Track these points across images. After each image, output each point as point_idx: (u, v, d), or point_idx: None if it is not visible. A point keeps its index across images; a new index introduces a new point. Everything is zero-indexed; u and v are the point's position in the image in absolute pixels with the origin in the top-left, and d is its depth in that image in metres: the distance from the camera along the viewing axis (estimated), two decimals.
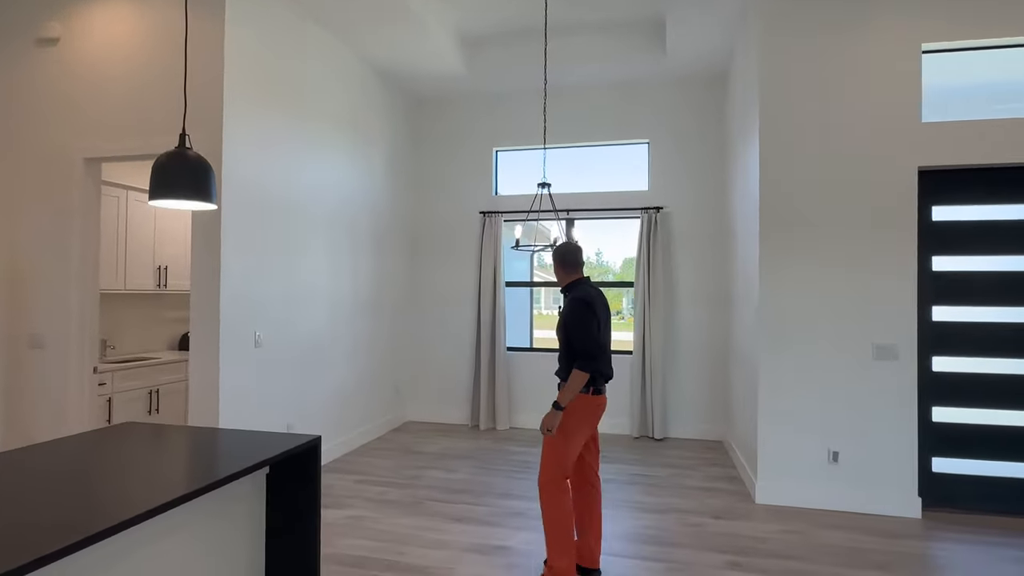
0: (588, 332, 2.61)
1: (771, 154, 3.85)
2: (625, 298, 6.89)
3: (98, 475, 1.75)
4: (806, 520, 3.54)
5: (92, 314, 3.80)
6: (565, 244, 2.88)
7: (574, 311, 2.66)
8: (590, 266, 6.49)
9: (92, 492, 1.61)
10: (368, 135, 5.31)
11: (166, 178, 1.88)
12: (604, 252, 6.39)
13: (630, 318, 6.58)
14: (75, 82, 3.80)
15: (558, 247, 2.88)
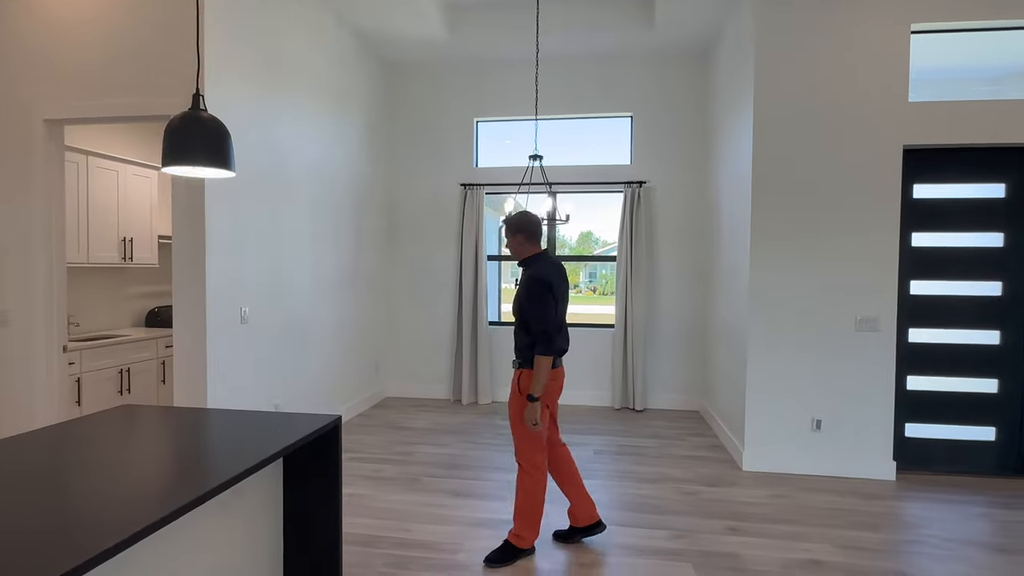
0: (546, 314, 2.56)
1: (764, 129, 3.89)
2: (590, 271, 6.95)
3: (121, 465, 1.64)
4: (791, 485, 3.71)
5: (60, 289, 3.54)
6: (522, 213, 2.74)
7: (532, 291, 2.58)
8: (565, 242, 6.49)
9: (125, 485, 1.50)
10: (346, 102, 5.08)
11: (181, 143, 1.73)
12: (588, 226, 6.39)
13: (609, 293, 6.66)
14: (35, 36, 3.46)
15: (515, 216, 2.72)
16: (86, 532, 1.21)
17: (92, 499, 1.38)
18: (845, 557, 2.79)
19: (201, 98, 1.80)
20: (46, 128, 3.45)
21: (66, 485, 1.47)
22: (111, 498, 1.39)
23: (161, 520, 1.28)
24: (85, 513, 1.30)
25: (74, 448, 1.76)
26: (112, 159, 4.52)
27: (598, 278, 7.54)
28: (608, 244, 6.37)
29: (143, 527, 1.23)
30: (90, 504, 1.35)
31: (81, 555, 1.11)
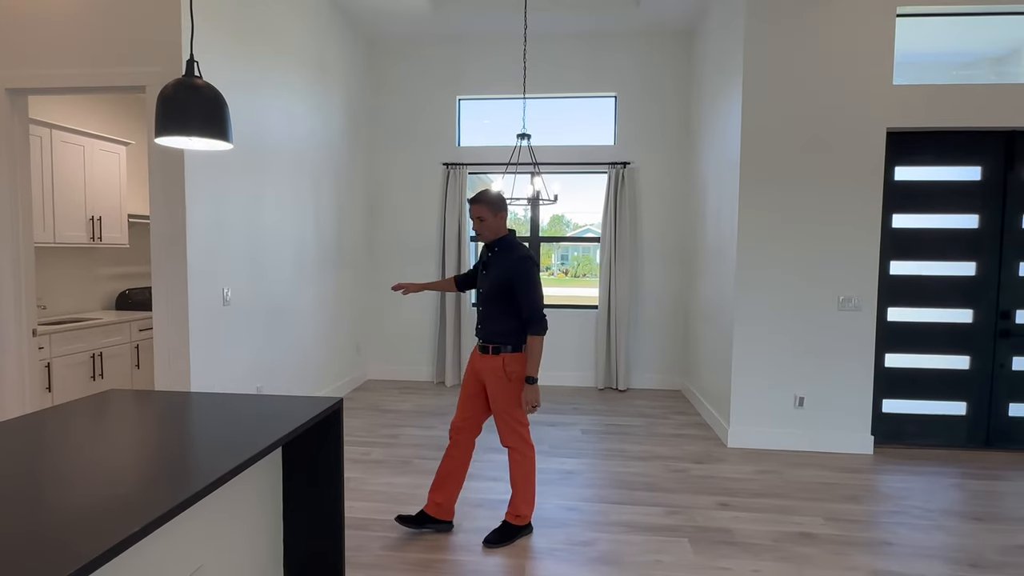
0: (540, 293, 2.57)
1: (752, 110, 3.91)
2: (562, 253, 6.96)
3: (123, 454, 1.56)
4: (776, 461, 3.80)
5: (28, 270, 3.36)
6: (491, 191, 2.64)
7: (528, 272, 2.53)
8: (561, 223, 6.46)
9: (130, 476, 1.42)
10: (327, 78, 4.91)
11: (175, 111, 1.62)
12: (566, 208, 6.36)
13: (582, 275, 6.68)
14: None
15: (491, 194, 2.59)
16: (84, 531, 1.14)
17: (90, 494, 1.31)
18: (834, 529, 2.87)
19: (196, 64, 1.69)
20: (8, 98, 3.23)
21: (61, 478, 1.39)
22: (110, 496, 1.31)
23: (168, 512, 1.22)
24: (83, 510, 1.23)
25: (64, 437, 1.67)
26: (78, 133, 4.28)
27: (570, 260, 7.55)
28: (579, 227, 6.36)
29: (152, 520, 1.17)
30: (89, 500, 1.28)
31: (80, 558, 1.04)
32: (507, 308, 2.59)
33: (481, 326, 2.68)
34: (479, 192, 2.61)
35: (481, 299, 2.69)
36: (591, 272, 6.94)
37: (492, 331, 2.63)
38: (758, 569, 2.50)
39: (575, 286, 6.51)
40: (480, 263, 2.77)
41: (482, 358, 2.67)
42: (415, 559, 2.54)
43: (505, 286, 2.56)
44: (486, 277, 2.66)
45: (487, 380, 2.65)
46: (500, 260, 2.62)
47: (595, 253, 7.24)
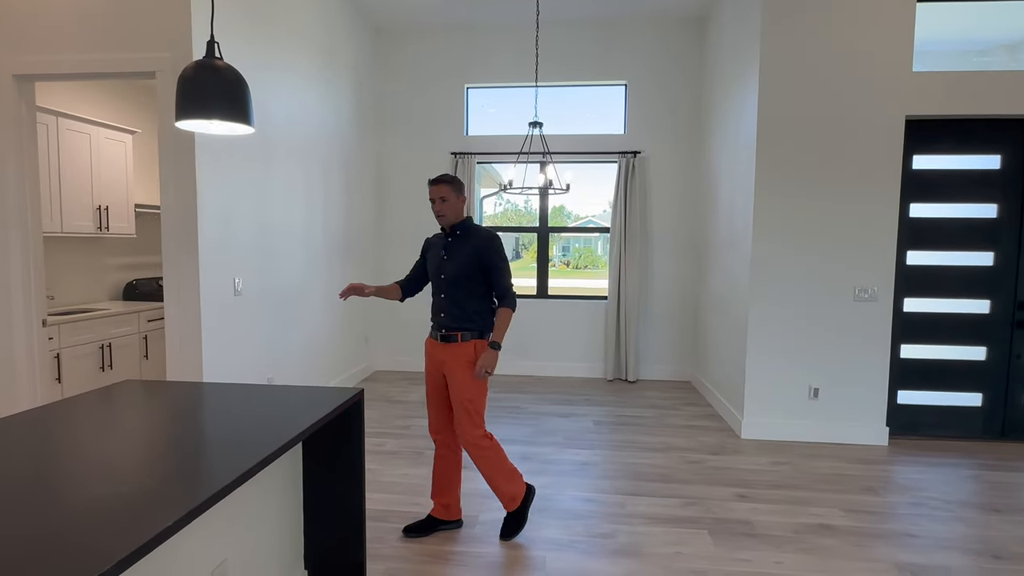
0: (510, 270, 2.57)
1: (769, 99, 3.85)
2: (563, 245, 6.90)
3: (152, 444, 1.53)
4: (791, 452, 3.77)
5: (37, 259, 3.32)
6: (450, 174, 2.58)
7: (499, 249, 2.53)
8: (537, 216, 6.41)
9: (160, 467, 1.39)
10: (335, 65, 4.85)
11: (196, 94, 1.58)
12: (573, 198, 6.30)
13: (583, 267, 6.63)
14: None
15: (448, 174, 2.56)
16: (114, 527, 1.11)
17: (116, 488, 1.27)
18: (853, 521, 2.85)
19: (216, 45, 1.64)
20: (15, 84, 3.18)
21: (86, 472, 1.35)
22: (138, 490, 1.28)
23: (201, 506, 1.18)
24: (112, 505, 1.20)
25: (84, 429, 1.63)
26: (84, 121, 4.23)
27: (571, 252, 7.49)
28: (581, 218, 6.29)
29: (185, 513, 1.14)
30: (116, 494, 1.24)
31: (111, 556, 1.01)
32: (474, 290, 2.53)
33: (443, 314, 2.55)
34: (440, 175, 2.54)
35: (442, 286, 2.56)
36: (592, 263, 6.89)
37: (458, 317, 2.52)
38: (780, 561, 2.48)
39: (576, 277, 6.44)
40: (439, 250, 2.60)
41: (445, 348, 2.54)
42: (435, 551, 2.52)
43: (475, 267, 2.51)
44: (448, 262, 2.54)
45: (451, 370, 2.51)
46: (464, 242, 2.55)
47: (597, 244, 7.20)
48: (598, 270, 6.96)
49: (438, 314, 2.59)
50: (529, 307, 5.86)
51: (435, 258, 2.62)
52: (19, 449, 1.44)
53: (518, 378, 5.73)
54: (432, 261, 2.64)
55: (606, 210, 6.29)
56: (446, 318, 2.55)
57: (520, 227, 6.30)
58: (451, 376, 2.53)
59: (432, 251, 2.66)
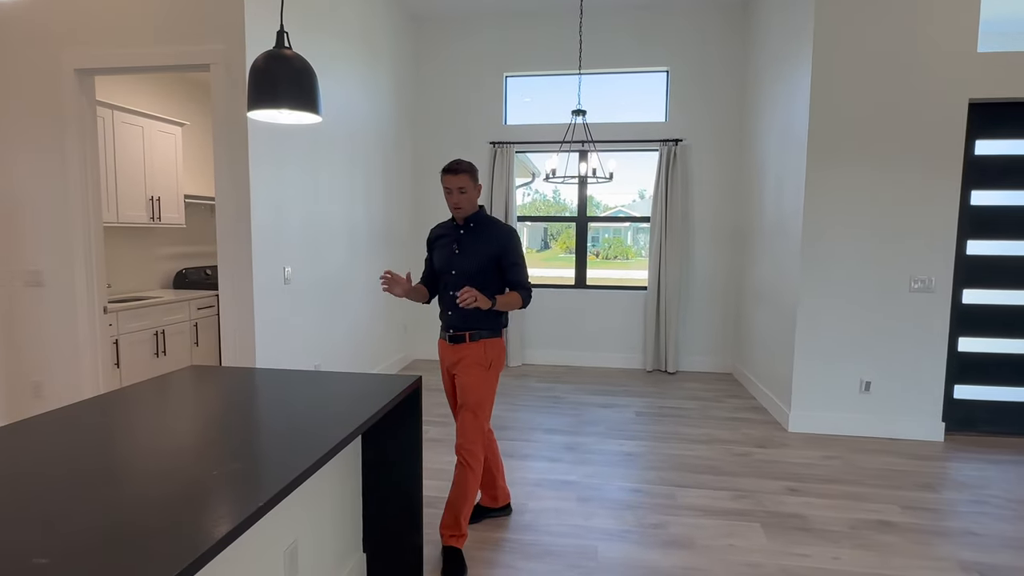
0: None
1: (822, 82, 3.73)
2: (639, 234, 6.83)
3: (237, 428, 1.57)
4: (842, 446, 3.69)
5: (98, 249, 3.44)
6: (464, 159, 2.33)
7: (519, 243, 2.38)
8: (565, 205, 6.35)
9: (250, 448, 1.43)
10: (376, 56, 4.87)
11: (268, 85, 1.60)
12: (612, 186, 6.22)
13: (612, 257, 6.56)
14: None
15: (464, 161, 2.31)
16: (209, 506, 1.14)
17: (205, 470, 1.31)
18: (912, 517, 2.77)
19: (286, 35, 1.65)
20: (77, 79, 3.28)
21: (174, 453, 1.39)
22: (227, 472, 1.31)
23: (290, 484, 1.21)
24: (206, 485, 1.23)
25: (163, 412, 1.68)
26: (137, 114, 4.35)
27: (601, 242, 7.42)
28: (610, 208, 6.20)
29: (276, 492, 1.17)
30: (207, 475, 1.28)
31: (210, 538, 1.04)
32: (488, 288, 2.34)
33: (451, 313, 2.38)
34: (455, 162, 2.29)
35: (452, 282, 2.38)
36: (623, 254, 6.82)
37: (467, 317, 2.34)
38: (838, 556, 2.43)
39: (607, 268, 6.35)
40: (450, 243, 2.40)
41: (456, 349, 2.37)
42: (485, 537, 2.55)
43: (491, 263, 2.33)
44: (461, 256, 2.35)
45: (461, 372, 2.35)
46: (480, 235, 2.36)
47: (627, 235, 7.11)
48: (628, 260, 6.89)
49: (446, 312, 2.41)
50: (566, 297, 5.84)
51: (445, 252, 2.41)
52: (107, 431, 1.50)
53: (556, 368, 5.72)
54: (441, 255, 2.42)
55: (636, 200, 6.22)
56: (454, 317, 2.37)
57: (557, 217, 6.26)
58: (460, 379, 2.36)
59: (441, 243, 2.44)
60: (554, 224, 6.63)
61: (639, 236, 7.20)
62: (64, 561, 0.91)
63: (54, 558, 0.92)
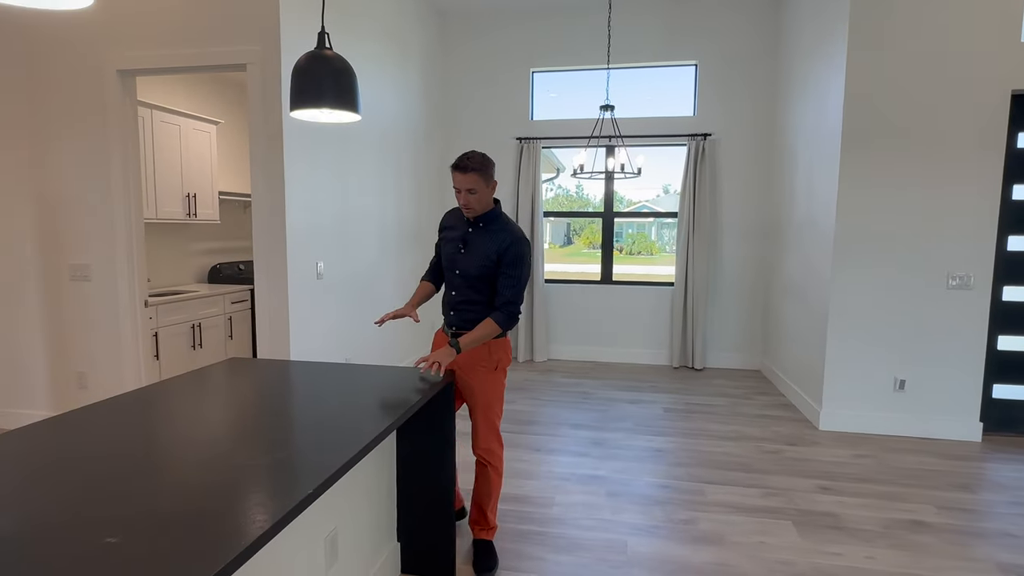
0: (525, 284, 2.20)
1: (858, 74, 3.66)
2: (663, 229, 6.79)
3: (283, 417, 1.62)
4: (874, 445, 3.63)
5: (139, 244, 3.55)
6: (478, 153, 2.11)
7: (525, 256, 2.16)
8: (589, 200, 6.32)
9: (298, 438, 1.48)
10: (405, 53, 4.92)
11: (311, 85, 1.64)
12: (635, 181, 6.19)
13: (636, 253, 6.52)
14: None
15: (476, 156, 2.08)
16: (261, 491, 1.19)
17: (252, 458, 1.36)
18: (948, 518, 2.73)
19: (327, 36, 1.70)
20: (120, 79, 3.38)
21: (222, 441, 1.45)
22: (272, 462, 1.36)
23: (338, 471, 1.25)
24: (257, 471, 1.28)
25: (210, 403, 1.75)
26: (174, 113, 4.46)
27: (624, 238, 7.38)
28: (634, 203, 6.15)
29: (325, 479, 1.21)
30: (256, 462, 1.33)
31: (266, 521, 1.08)
32: (488, 291, 2.23)
33: (453, 312, 2.27)
34: (465, 157, 2.06)
35: (455, 281, 2.26)
36: (646, 249, 6.77)
37: (471, 319, 2.24)
38: (872, 556, 2.40)
39: (630, 263, 6.29)
40: (457, 240, 2.26)
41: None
42: (516, 530, 2.58)
43: (494, 264, 2.17)
44: (465, 257, 2.21)
45: (468, 374, 2.26)
46: (487, 236, 2.20)
47: (651, 230, 7.05)
48: (652, 256, 6.84)
49: (448, 311, 2.30)
50: (593, 293, 5.83)
51: (451, 248, 2.28)
52: (161, 420, 1.56)
53: (583, 363, 5.73)
54: (447, 250, 2.29)
55: (659, 195, 6.17)
56: (456, 317, 2.27)
57: (584, 212, 6.25)
58: (466, 379, 2.26)
59: (449, 236, 2.31)
60: (576, 220, 6.61)
61: (663, 231, 7.15)
62: (132, 540, 0.96)
63: (123, 538, 0.97)
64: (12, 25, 3.48)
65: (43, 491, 1.14)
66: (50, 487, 1.15)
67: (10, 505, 1.08)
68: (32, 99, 3.50)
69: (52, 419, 1.55)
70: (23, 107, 3.51)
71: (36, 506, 1.08)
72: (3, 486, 1.15)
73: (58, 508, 1.07)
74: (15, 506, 1.07)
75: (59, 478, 1.19)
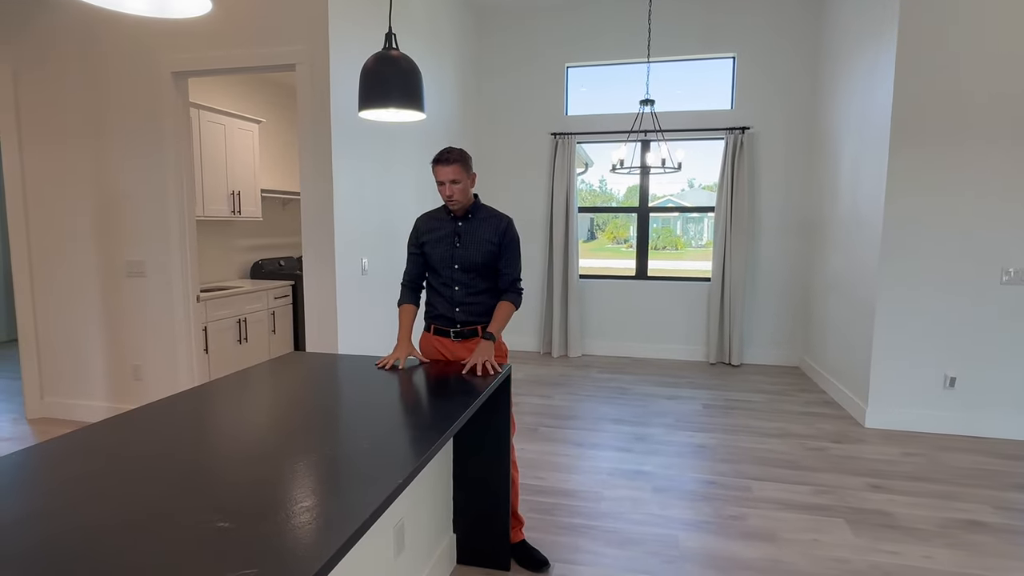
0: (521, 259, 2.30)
1: (908, 63, 3.58)
2: (688, 223, 6.74)
3: (364, 408, 1.67)
4: (924, 443, 3.57)
5: (191, 241, 3.65)
6: (455, 147, 2.21)
7: (517, 237, 2.30)
8: (612, 195, 6.28)
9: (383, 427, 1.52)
10: (441, 48, 4.95)
11: (379, 85, 1.68)
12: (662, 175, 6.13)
13: (661, 248, 6.48)
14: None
15: (455, 149, 2.13)
16: (357, 480, 1.23)
17: (338, 448, 1.41)
18: (1007, 518, 2.67)
19: (393, 37, 1.73)
20: (173, 81, 3.48)
21: (306, 431, 1.50)
22: (359, 449, 1.41)
23: (424, 459, 1.29)
24: (348, 459, 1.33)
25: (283, 395, 1.80)
26: (219, 112, 4.57)
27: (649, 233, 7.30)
28: (659, 198, 6.08)
29: (414, 467, 1.25)
30: (343, 452, 1.38)
31: (367, 506, 1.12)
32: (490, 277, 2.30)
33: (459, 308, 2.27)
34: (445, 151, 2.11)
35: (456, 277, 2.26)
36: (672, 244, 6.71)
37: (482, 309, 2.28)
38: (929, 555, 2.37)
39: (655, 258, 6.21)
40: (449, 237, 2.27)
41: (464, 345, 2.29)
42: (565, 523, 2.60)
43: (495, 250, 2.25)
44: (464, 249, 2.24)
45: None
46: (480, 224, 2.26)
47: (676, 224, 6.98)
48: (678, 251, 6.78)
49: (451, 309, 2.28)
50: (628, 289, 5.82)
51: (443, 245, 2.28)
52: (247, 411, 1.62)
53: (618, 359, 5.73)
54: (438, 249, 2.28)
55: (685, 189, 6.12)
56: (463, 312, 2.27)
57: (619, 207, 6.23)
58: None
59: (436, 237, 2.30)
60: (599, 215, 6.57)
61: (688, 226, 7.07)
62: (242, 525, 1.01)
63: (233, 523, 1.02)
64: (75, 31, 3.60)
65: (146, 481, 1.19)
66: (151, 477, 1.21)
67: (121, 495, 1.13)
68: (92, 101, 3.62)
69: (137, 410, 1.62)
70: (84, 109, 3.64)
71: (145, 494, 1.13)
72: (109, 476, 1.21)
73: (164, 497, 1.12)
74: (126, 495, 1.13)
75: (157, 468, 1.25)
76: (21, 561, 0.90)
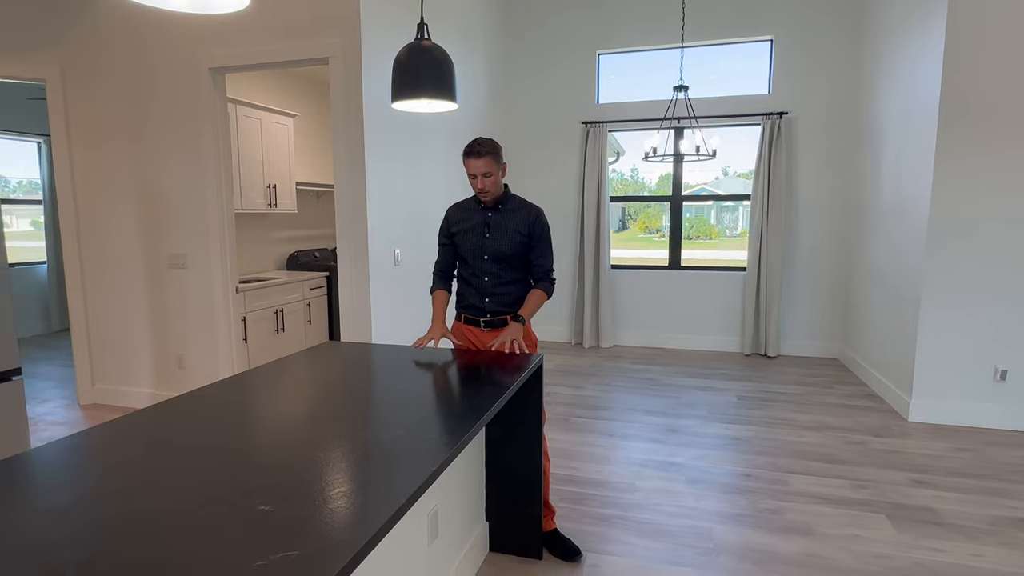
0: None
1: (958, 46, 3.41)
2: (723, 212, 6.61)
3: (400, 396, 1.70)
4: (972, 438, 3.44)
5: (230, 233, 3.75)
6: (485, 138, 2.18)
7: (548, 225, 2.32)
8: (644, 184, 6.16)
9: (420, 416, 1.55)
10: (471, 38, 4.94)
11: (412, 76, 1.68)
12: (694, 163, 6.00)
13: (694, 237, 6.35)
14: None
15: (486, 141, 2.14)
16: (392, 466, 1.24)
17: (373, 436, 1.43)
18: None
19: (425, 27, 1.73)
20: (211, 77, 3.56)
21: (346, 417, 1.53)
22: (391, 438, 1.43)
23: (459, 446, 1.30)
24: (386, 446, 1.35)
25: (324, 380, 1.84)
26: (255, 107, 4.66)
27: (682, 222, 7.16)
28: (691, 187, 5.94)
29: (447, 457, 1.26)
30: (378, 439, 1.40)
31: (402, 493, 1.14)
32: (521, 268, 2.33)
33: (488, 299, 2.31)
34: (476, 143, 2.11)
35: (486, 267, 2.30)
36: (704, 234, 6.57)
37: (511, 300, 2.32)
38: (978, 553, 2.29)
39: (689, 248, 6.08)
40: (479, 227, 2.31)
41: (494, 334, 2.32)
42: (597, 514, 2.60)
43: (525, 240, 2.28)
44: (493, 240, 2.28)
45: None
46: (511, 214, 2.29)
47: (709, 214, 6.83)
48: (711, 240, 6.64)
49: (481, 299, 2.32)
50: (661, 279, 5.74)
51: (473, 236, 2.31)
52: (281, 398, 1.66)
53: (649, 350, 5.67)
54: (468, 239, 2.32)
55: (719, 177, 5.98)
56: (492, 303, 2.31)
57: (652, 196, 6.14)
58: None
59: (466, 227, 2.34)
60: (631, 204, 6.46)
61: (723, 215, 6.93)
62: (282, 509, 1.04)
63: (274, 506, 1.05)
64: (119, 31, 3.71)
65: (190, 465, 1.23)
66: (195, 461, 1.25)
67: (166, 479, 1.18)
68: (134, 97, 3.74)
69: (180, 397, 1.67)
70: (127, 107, 3.76)
71: (190, 478, 1.17)
72: (154, 461, 1.26)
73: (207, 480, 1.16)
74: (172, 479, 1.17)
75: (199, 453, 1.29)
76: (75, 542, 0.95)
